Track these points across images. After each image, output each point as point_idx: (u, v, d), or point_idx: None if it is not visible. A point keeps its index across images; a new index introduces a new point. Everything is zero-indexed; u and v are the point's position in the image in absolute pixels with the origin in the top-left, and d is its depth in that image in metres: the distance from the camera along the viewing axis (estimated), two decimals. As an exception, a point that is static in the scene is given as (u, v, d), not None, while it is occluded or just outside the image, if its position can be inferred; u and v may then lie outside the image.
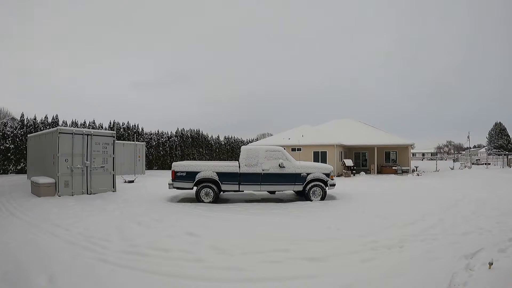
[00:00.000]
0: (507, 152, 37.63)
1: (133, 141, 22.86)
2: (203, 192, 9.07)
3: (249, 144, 29.62)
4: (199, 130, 31.53)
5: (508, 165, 31.32)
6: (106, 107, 76.65)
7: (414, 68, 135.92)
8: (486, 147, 54.60)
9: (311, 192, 9.40)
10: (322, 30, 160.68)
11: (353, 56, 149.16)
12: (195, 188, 9.21)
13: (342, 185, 13.51)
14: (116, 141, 11.68)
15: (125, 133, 26.37)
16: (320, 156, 22.06)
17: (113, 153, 11.14)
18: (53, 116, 22.85)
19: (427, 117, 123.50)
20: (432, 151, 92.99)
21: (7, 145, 20.48)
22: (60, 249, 4.41)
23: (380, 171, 24.27)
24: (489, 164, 32.86)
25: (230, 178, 9.16)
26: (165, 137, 28.88)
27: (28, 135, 16.71)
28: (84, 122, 24.41)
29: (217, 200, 9.18)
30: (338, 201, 9.39)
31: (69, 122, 23.62)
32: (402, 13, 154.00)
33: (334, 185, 9.70)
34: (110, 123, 25.89)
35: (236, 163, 9.62)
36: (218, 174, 9.12)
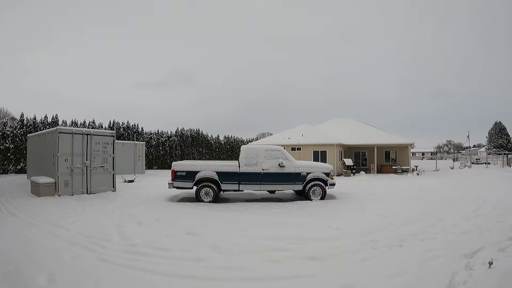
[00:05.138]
0: (507, 152, 37.68)
1: (133, 140, 22.87)
2: (203, 191, 9.07)
3: (249, 143, 29.60)
4: (199, 130, 31.54)
5: (508, 164, 31.31)
6: (106, 107, 76.53)
7: (414, 68, 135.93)
8: (486, 147, 54.64)
9: (311, 191, 9.40)
10: (322, 31, 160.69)
11: (353, 56, 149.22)
12: (195, 187, 9.21)
13: (342, 185, 13.50)
14: (116, 141, 11.67)
15: (125, 132, 26.38)
16: (320, 156, 22.06)
17: (113, 153, 11.13)
18: (52, 116, 22.86)
19: (427, 117, 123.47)
20: (432, 151, 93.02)
21: (7, 145, 20.47)
22: (60, 249, 4.41)
23: (380, 171, 24.27)
24: (489, 163, 32.86)
25: (230, 178, 9.16)
26: (165, 137, 28.88)
27: (28, 135, 16.71)
28: (84, 122, 24.41)
29: (217, 199, 9.18)
30: (338, 200, 9.40)
31: (68, 122, 23.64)
32: (402, 13, 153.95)
33: (334, 184, 9.69)
34: (110, 122, 25.90)
35: (236, 162, 9.62)
36: (218, 173, 9.12)
